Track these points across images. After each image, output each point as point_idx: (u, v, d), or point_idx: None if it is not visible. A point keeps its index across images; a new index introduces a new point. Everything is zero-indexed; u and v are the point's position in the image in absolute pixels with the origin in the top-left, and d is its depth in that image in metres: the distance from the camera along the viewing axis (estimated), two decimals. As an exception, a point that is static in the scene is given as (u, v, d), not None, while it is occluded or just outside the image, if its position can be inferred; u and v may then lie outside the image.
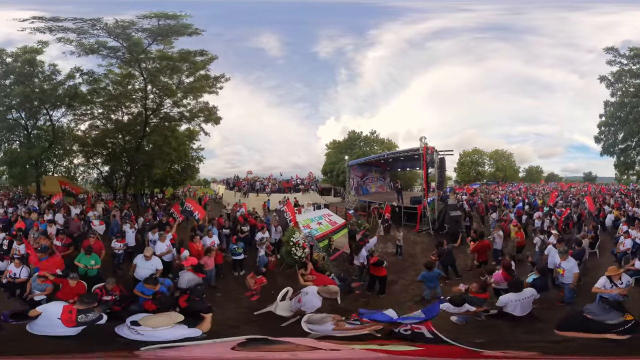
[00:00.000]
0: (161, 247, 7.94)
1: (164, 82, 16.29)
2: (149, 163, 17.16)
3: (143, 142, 17.30)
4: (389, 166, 24.16)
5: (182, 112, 17.97)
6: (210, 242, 8.58)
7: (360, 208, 18.55)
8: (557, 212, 12.65)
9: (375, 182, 24.10)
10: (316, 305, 5.16)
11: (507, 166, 32.37)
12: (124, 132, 17.62)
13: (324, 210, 15.50)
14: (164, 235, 8.13)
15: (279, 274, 8.87)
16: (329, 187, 29.13)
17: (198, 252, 7.95)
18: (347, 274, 8.54)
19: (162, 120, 17.97)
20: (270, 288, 7.37)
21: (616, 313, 3.98)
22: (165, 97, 16.96)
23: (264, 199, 21.27)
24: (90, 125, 17.44)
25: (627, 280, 5.47)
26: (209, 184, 40.64)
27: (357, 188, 21.58)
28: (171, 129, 18.28)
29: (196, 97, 17.49)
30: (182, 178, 24.77)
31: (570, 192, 23.42)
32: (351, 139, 30.33)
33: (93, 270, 6.69)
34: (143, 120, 16.96)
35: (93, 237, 7.81)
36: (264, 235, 9.51)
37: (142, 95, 16.49)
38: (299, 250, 8.49)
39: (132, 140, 17.73)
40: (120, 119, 17.41)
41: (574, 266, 6.32)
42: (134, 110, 17.18)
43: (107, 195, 19.67)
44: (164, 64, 15.42)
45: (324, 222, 13.51)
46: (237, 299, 7.32)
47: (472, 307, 5.08)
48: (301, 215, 12.74)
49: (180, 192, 29.67)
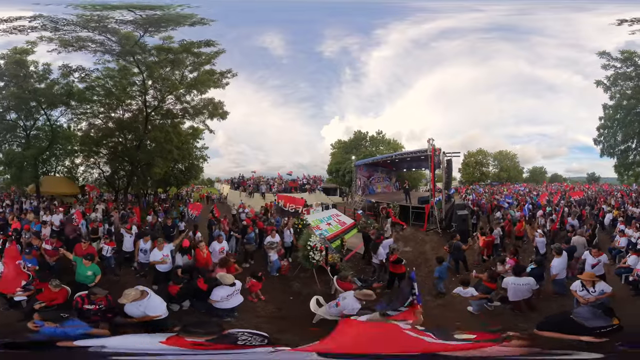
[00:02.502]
0: (155, 256, 7.14)
1: (165, 76, 15.72)
2: (149, 162, 16.74)
3: (145, 140, 16.91)
4: (395, 166, 24.90)
5: (185, 107, 17.56)
6: (220, 247, 7.98)
7: (367, 208, 19.06)
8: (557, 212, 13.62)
9: (381, 182, 24.81)
10: (357, 308, 5.33)
11: (511, 167, 33.19)
12: (124, 130, 17.22)
13: (332, 211, 15.91)
14: (162, 243, 7.31)
15: (294, 279, 8.63)
16: (334, 187, 29.84)
17: (205, 261, 7.39)
18: (363, 274, 8.78)
19: (164, 117, 17.60)
20: (287, 294, 7.52)
21: (605, 318, 4.03)
22: (167, 93, 16.56)
23: (268, 199, 21.04)
24: (89, 123, 17.16)
25: (601, 289, 5.36)
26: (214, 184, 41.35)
27: (363, 188, 22.21)
28: (173, 125, 17.93)
29: (201, 93, 17.10)
30: (186, 177, 24.89)
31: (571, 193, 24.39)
32: (357, 139, 31.01)
33: (90, 279, 6.25)
34: (144, 117, 16.56)
35: (85, 242, 7.35)
36: (274, 240, 9.07)
37: (140, 89, 15.98)
38: (316, 254, 8.38)
39: (133, 139, 17.36)
40: (120, 116, 17.01)
41: (557, 265, 6.80)
42: (135, 107, 16.84)
43: (110, 196, 19.73)
44: (163, 56, 14.87)
45: (333, 222, 13.98)
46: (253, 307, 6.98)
47: (475, 292, 5.97)
48: (310, 216, 12.95)
49: (184, 192, 30.09)
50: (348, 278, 7.25)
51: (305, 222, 11.28)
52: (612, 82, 15.46)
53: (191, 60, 15.81)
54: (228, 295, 5.89)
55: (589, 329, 3.86)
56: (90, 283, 6.11)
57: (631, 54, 14.49)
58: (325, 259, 8.81)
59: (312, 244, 8.47)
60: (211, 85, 16.90)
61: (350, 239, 12.37)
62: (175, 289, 6.01)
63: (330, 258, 8.83)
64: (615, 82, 15.44)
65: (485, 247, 9.20)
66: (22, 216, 10.97)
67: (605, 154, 17.50)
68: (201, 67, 16.20)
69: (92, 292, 5.13)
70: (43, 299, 5.35)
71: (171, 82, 16.03)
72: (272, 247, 8.71)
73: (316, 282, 8.24)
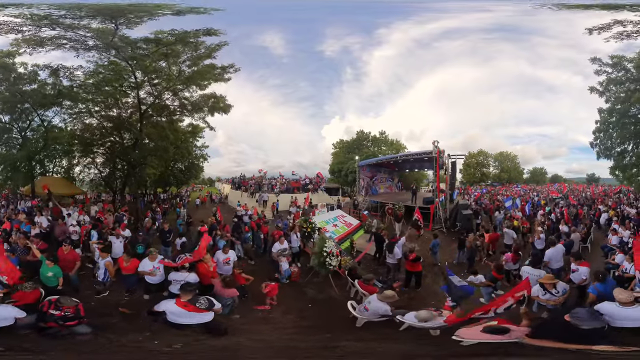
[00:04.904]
0: (145, 266, 6.78)
1: (157, 68, 14.99)
2: (142, 161, 16.24)
3: (142, 139, 16.45)
4: (398, 167, 25.74)
5: (183, 103, 16.95)
6: (224, 258, 7.58)
7: (371, 208, 19.90)
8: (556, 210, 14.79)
9: (383, 183, 25.54)
10: (387, 309, 5.60)
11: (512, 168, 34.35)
12: (118, 129, 16.73)
13: (338, 212, 16.21)
14: (155, 254, 6.99)
15: (306, 285, 8.53)
16: (336, 187, 30.54)
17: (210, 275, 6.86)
18: (375, 274, 8.64)
19: (159, 113, 16.91)
20: (306, 301, 7.49)
21: (603, 320, 4.08)
22: (164, 88, 15.98)
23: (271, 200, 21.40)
24: (82, 122, 16.68)
25: (563, 289, 5.72)
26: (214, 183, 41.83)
27: (366, 188, 22.92)
28: (170, 122, 17.41)
29: (200, 88, 16.57)
30: (186, 177, 24.82)
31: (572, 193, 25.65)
32: (359, 139, 31.81)
33: (52, 282, 6.32)
34: (139, 115, 16.04)
35: (67, 246, 7.27)
36: (284, 247, 8.91)
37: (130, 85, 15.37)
38: (333, 260, 8.30)
39: (129, 138, 16.93)
40: (111, 114, 16.46)
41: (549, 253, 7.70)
42: (130, 104, 16.32)
43: (107, 197, 19.64)
44: (154, 48, 14.23)
45: (339, 223, 14.14)
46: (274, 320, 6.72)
47: (484, 279, 6.98)
48: (316, 217, 13.07)
49: (184, 192, 30.37)
50: (372, 281, 7.32)
51: (313, 224, 11.30)
52: (605, 87, 16.57)
53: (189, 54, 15.19)
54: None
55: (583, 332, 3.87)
56: (53, 285, 6.29)
57: (620, 58, 15.59)
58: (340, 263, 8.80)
59: (328, 250, 8.38)
60: (212, 80, 16.37)
61: (358, 240, 12.70)
62: None
63: (343, 261, 8.73)
64: (608, 87, 16.55)
65: (490, 242, 10.22)
66: (13, 217, 11.27)
67: (602, 156, 18.69)
68: (200, 61, 15.57)
69: (61, 301, 5.28)
70: (16, 297, 5.57)
71: (167, 76, 15.45)
72: (284, 255, 8.51)
73: (332, 287, 8.22)
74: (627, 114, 16.68)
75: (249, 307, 6.93)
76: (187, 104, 17.14)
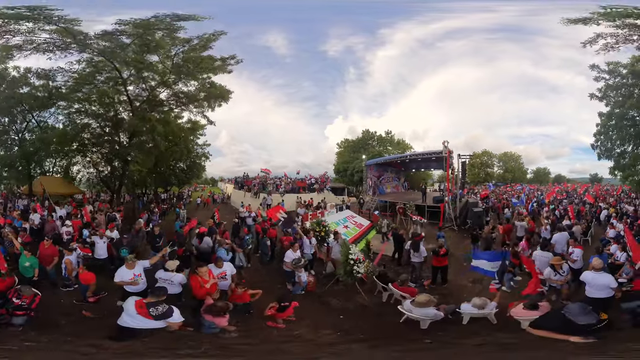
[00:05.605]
0: (123, 275, 5.77)
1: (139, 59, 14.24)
2: (125, 158, 15.76)
3: (125, 132, 16.01)
4: (404, 167, 26.16)
5: (176, 93, 16.15)
6: (219, 273, 6.32)
7: (380, 208, 20.10)
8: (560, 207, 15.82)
9: (390, 182, 25.89)
10: (436, 313, 5.50)
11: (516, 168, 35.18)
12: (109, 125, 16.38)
13: (347, 212, 16.08)
14: (134, 261, 6.01)
15: (323, 294, 7.82)
16: (342, 187, 30.67)
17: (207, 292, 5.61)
18: (396, 274, 8.60)
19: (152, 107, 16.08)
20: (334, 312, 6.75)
21: (594, 315, 4.27)
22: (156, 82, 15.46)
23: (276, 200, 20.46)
24: (73, 122, 16.67)
25: (567, 269, 6.65)
26: (217, 183, 42.46)
27: (374, 188, 23.23)
28: (159, 112, 16.71)
29: (195, 79, 15.90)
30: (188, 177, 24.95)
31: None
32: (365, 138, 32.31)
33: (28, 272, 6.65)
34: (129, 111, 15.76)
35: (48, 240, 7.52)
36: (298, 256, 8.02)
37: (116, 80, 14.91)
38: (360, 267, 7.86)
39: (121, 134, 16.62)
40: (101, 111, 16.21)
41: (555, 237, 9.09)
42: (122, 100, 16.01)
43: (106, 196, 19.57)
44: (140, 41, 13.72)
45: (350, 224, 14.02)
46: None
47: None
48: (325, 219, 12.36)
49: (186, 192, 30.37)
50: (407, 282, 7.15)
51: (326, 227, 10.62)
52: (604, 93, 17.61)
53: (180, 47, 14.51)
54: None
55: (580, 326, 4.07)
56: (29, 275, 6.59)
57: (616, 64, 16.59)
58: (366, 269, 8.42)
59: (354, 257, 7.94)
60: (211, 72, 15.64)
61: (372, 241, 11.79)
62: None
63: (366, 266, 8.20)
64: (606, 92, 17.60)
65: (505, 233, 11.34)
66: (8, 213, 12.06)
67: (603, 157, 19.71)
68: (193, 53, 14.87)
69: (21, 290, 5.40)
70: None
71: (157, 69, 14.79)
72: (300, 265, 7.80)
73: (360, 293, 7.81)
74: (625, 117, 17.71)
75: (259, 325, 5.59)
76: (182, 96, 16.44)
